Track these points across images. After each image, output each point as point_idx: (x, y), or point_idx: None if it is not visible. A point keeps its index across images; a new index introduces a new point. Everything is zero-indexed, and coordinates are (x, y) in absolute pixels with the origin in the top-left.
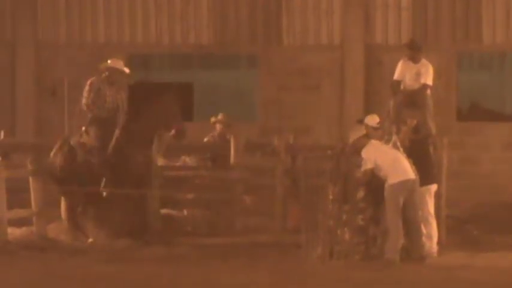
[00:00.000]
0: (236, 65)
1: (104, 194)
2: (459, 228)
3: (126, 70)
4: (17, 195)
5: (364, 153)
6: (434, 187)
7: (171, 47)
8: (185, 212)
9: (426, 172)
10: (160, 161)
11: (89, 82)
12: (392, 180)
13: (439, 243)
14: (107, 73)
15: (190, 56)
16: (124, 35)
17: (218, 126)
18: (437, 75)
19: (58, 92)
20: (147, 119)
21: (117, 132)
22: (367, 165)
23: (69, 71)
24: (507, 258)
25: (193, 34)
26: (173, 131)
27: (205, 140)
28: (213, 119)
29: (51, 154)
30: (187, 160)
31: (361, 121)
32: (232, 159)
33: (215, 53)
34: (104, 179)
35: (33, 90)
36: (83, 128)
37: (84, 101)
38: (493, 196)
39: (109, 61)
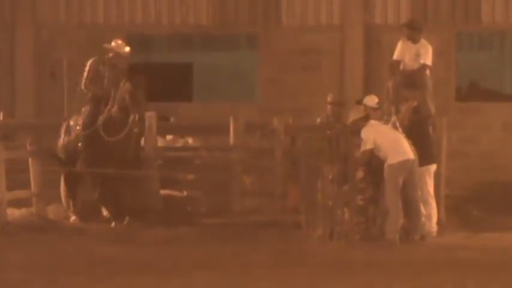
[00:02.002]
0: (236, 45)
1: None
2: (459, 208)
3: (127, 52)
4: (16, 176)
5: (364, 133)
6: (433, 167)
7: (170, 28)
8: (185, 192)
9: (425, 152)
10: (160, 142)
11: (88, 63)
12: (391, 160)
13: (438, 223)
14: (110, 54)
15: (189, 37)
16: (123, 15)
17: (329, 107)
18: (436, 55)
19: (57, 73)
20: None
21: (110, 108)
22: (367, 145)
23: (69, 52)
24: (506, 238)
25: (193, 14)
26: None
27: (318, 120)
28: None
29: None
30: (190, 141)
31: (360, 102)
32: (231, 141)
33: (214, 34)
34: (84, 154)
35: (33, 71)
36: (83, 109)
37: (83, 81)
38: (493, 176)
39: (113, 43)
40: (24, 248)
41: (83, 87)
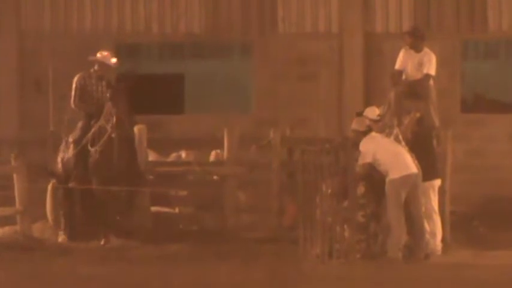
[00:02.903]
0: (229, 54)
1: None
2: (464, 225)
3: (115, 63)
4: (0, 192)
5: (362, 146)
6: (438, 182)
7: (160, 36)
8: (177, 209)
9: (429, 166)
10: (152, 156)
11: (74, 79)
12: (393, 175)
13: (443, 240)
14: (96, 67)
15: (181, 45)
16: (111, 23)
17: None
18: (440, 65)
19: (42, 83)
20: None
21: (99, 121)
22: (365, 159)
23: (54, 61)
24: None
25: (184, 22)
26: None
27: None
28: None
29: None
30: (183, 155)
31: (360, 113)
32: (225, 154)
33: (207, 42)
34: (75, 171)
35: (16, 82)
36: (78, 124)
37: (71, 99)
38: (500, 190)
39: (98, 54)
40: (7, 267)
41: (73, 106)
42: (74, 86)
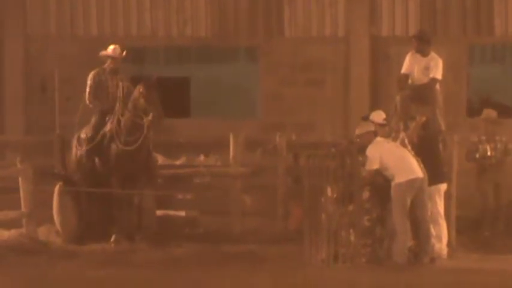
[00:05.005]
0: (235, 58)
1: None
2: (470, 230)
3: (124, 56)
4: (6, 195)
5: (369, 151)
6: (444, 186)
7: (167, 40)
8: (183, 212)
9: (435, 170)
10: (159, 159)
11: (89, 76)
12: (399, 179)
13: (448, 245)
14: (108, 62)
15: (187, 49)
16: (117, 27)
17: (483, 124)
18: (446, 69)
19: (48, 87)
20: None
21: (118, 117)
22: (372, 165)
23: (60, 65)
24: None
25: (190, 26)
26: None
27: (476, 140)
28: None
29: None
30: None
31: (366, 118)
32: (231, 158)
33: (213, 46)
34: (87, 169)
35: (22, 86)
36: (92, 120)
37: (86, 96)
38: (507, 195)
39: (110, 48)
40: (12, 271)
41: (87, 102)
42: (88, 82)
